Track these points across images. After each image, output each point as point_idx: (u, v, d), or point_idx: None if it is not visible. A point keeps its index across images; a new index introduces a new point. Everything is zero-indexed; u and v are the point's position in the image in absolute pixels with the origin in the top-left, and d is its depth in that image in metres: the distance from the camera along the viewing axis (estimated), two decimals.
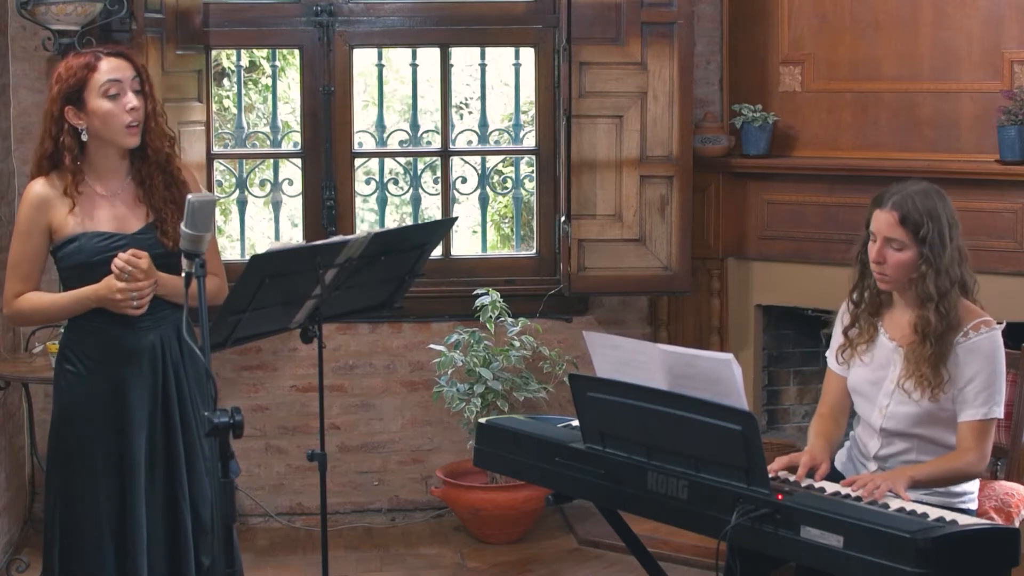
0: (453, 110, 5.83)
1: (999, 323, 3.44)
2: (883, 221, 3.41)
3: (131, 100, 3.36)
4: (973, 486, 3.52)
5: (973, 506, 3.49)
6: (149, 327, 3.41)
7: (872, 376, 3.53)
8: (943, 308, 3.38)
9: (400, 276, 3.78)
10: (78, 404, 3.42)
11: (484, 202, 5.90)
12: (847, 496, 3.15)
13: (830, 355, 3.67)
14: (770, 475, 3.19)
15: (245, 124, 5.91)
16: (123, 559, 3.41)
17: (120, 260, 3.29)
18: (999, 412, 3.40)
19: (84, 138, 3.37)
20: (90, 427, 3.40)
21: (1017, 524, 3.54)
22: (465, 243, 6.85)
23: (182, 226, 3.01)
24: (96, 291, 3.33)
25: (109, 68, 3.36)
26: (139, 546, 3.40)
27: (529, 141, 5.78)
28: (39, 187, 3.40)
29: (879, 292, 3.53)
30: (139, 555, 3.40)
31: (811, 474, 3.36)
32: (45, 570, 3.51)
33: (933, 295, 3.38)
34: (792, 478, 3.32)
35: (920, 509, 3.04)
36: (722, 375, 3.14)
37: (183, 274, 3.02)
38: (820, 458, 3.41)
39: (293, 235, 6.52)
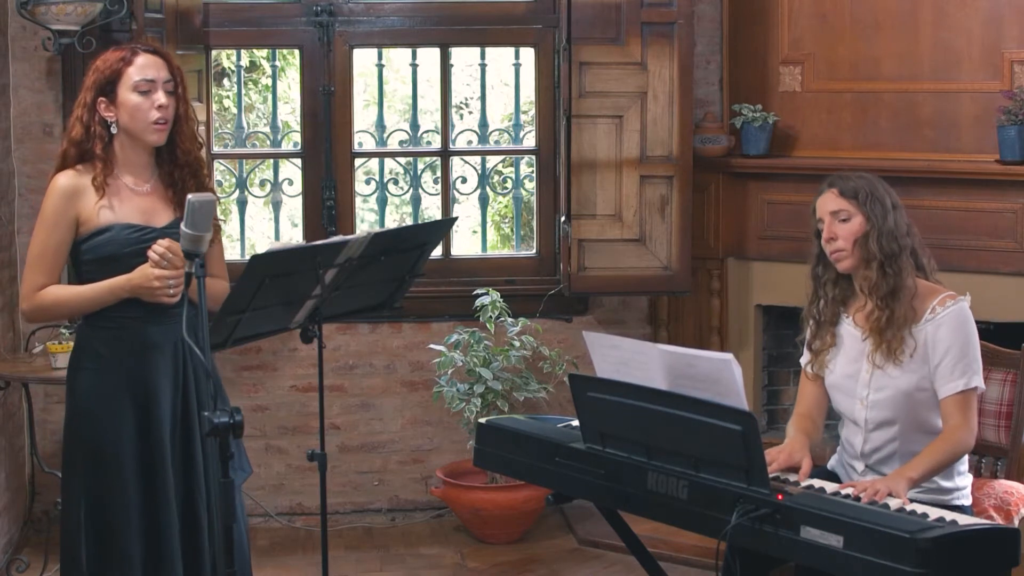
0: (453, 110, 5.83)
1: (963, 296, 3.47)
2: (825, 201, 3.53)
3: (160, 98, 3.35)
4: (965, 481, 3.52)
5: (967, 502, 3.50)
6: (174, 320, 3.37)
7: (848, 369, 3.56)
8: (889, 269, 3.44)
9: (400, 276, 3.77)
10: (102, 402, 3.37)
11: (484, 202, 5.90)
12: (847, 496, 3.15)
13: (804, 361, 3.70)
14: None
15: (245, 124, 5.91)
16: (153, 560, 3.39)
17: (160, 247, 3.28)
18: (979, 381, 3.42)
19: (113, 131, 3.37)
20: (117, 425, 3.36)
21: (1017, 523, 3.55)
22: (465, 243, 6.86)
23: (182, 226, 3.02)
24: (130, 280, 3.31)
25: (144, 64, 3.36)
26: (172, 545, 3.37)
27: (529, 141, 5.78)
28: (67, 178, 3.36)
29: (833, 298, 3.57)
30: (173, 554, 3.38)
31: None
32: (66, 573, 3.48)
33: (876, 253, 3.44)
34: (792, 478, 3.33)
35: (920, 509, 3.04)
36: (722, 375, 3.14)
37: (184, 274, 3.01)
38: (800, 454, 3.42)
39: (293, 235, 6.52)
